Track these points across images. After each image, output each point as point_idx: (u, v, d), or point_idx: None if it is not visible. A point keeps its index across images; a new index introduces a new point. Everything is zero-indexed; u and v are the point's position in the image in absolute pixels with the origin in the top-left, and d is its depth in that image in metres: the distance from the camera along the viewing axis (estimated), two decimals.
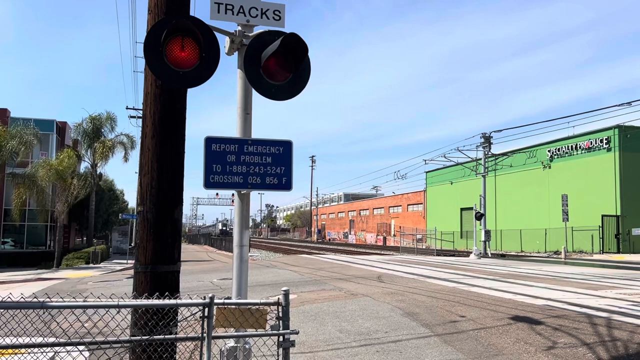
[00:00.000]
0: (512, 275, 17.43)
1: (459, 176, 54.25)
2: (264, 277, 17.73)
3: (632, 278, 16.74)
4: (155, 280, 4.97)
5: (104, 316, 3.90)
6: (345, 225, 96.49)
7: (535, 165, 46.03)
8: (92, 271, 26.69)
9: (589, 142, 41.06)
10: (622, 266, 24.65)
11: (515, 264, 25.25)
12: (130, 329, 4.73)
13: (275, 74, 4.58)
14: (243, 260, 4.66)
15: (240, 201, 4.70)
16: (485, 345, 7.16)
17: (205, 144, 4.49)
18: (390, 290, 12.54)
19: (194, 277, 19.26)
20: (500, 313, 9.20)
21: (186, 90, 5.49)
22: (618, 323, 8.16)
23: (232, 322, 3.97)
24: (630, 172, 36.84)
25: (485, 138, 38.40)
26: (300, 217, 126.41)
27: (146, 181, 5.13)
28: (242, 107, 4.75)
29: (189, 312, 4.06)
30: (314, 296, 12.04)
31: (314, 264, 23.74)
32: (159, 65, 4.38)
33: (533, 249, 43.65)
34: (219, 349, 4.37)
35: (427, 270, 19.95)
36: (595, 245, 38.26)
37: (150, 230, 5.04)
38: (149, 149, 5.16)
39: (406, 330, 8.17)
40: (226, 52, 4.90)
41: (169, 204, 5.12)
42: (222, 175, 4.50)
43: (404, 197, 74.60)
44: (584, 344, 6.99)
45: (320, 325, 8.77)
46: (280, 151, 4.68)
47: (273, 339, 4.10)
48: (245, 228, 4.71)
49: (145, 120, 5.33)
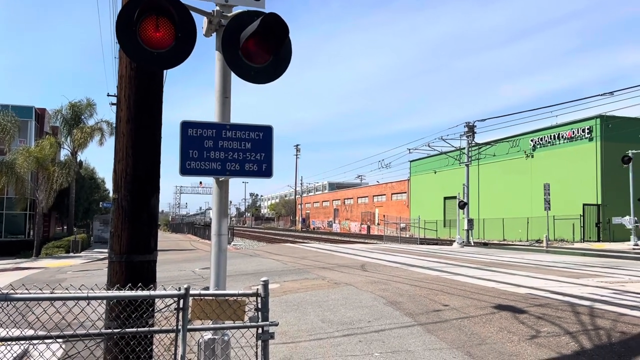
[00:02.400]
0: (495, 264, 17.50)
1: (443, 165, 54.48)
2: (247, 266, 17.57)
3: (613, 266, 16.90)
4: (130, 270, 4.80)
5: (85, 308, 3.74)
6: (330, 214, 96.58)
7: (518, 154, 46.34)
8: (72, 260, 26.31)
9: (571, 132, 41.38)
10: (602, 254, 24.94)
11: (497, 253, 25.42)
12: (105, 321, 4.56)
13: (254, 56, 4.39)
14: (221, 250, 4.51)
15: (219, 188, 4.53)
16: (468, 335, 7.10)
17: (181, 129, 4.31)
18: (374, 279, 12.47)
19: (175, 266, 19.04)
20: (484, 302, 9.17)
21: (163, 73, 5.30)
22: (600, 311, 8.16)
23: (209, 314, 3.82)
24: (611, 161, 37.19)
25: (469, 127, 38.48)
26: (285, 206, 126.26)
27: (121, 168, 4.94)
28: (220, 90, 4.56)
29: (164, 304, 3.90)
30: (296, 285, 11.92)
31: (297, 253, 23.64)
32: (132, 45, 4.17)
33: (515, 237, 44.04)
34: (197, 341, 4.23)
35: (410, 258, 19.96)
36: (576, 233, 38.71)
37: (125, 219, 4.86)
38: (124, 134, 4.97)
39: (389, 320, 8.09)
40: (204, 34, 4.70)
41: (145, 192, 4.94)
42: (199, 162, 4.33)
43: (388, 186, 74.77)
44: (567, 333, 6.97)
45: (302, 315, 8.66)
46: (260, 137, 4.51)
47: (252, 331, 3.96)
48: (224, 216, 4.55)
49: (119, 104, 5.13)
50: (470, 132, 38.51)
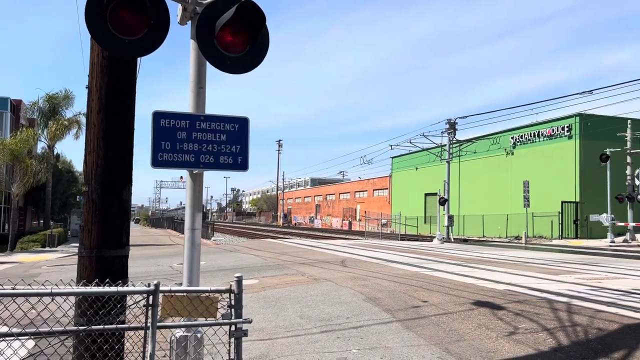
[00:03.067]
0: (474, 260, 17.57)
1: (424, 162, 54.70)
2: (226, 261, 17.39)
3: (590, 263, 17.09)
4: (101, 265, 4.64)
5: (62, 304, 3.60)
6: (312, 209, 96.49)
7: (499, 151, 46.71)
8: (48, 254, 25.82)
9: (550, 130, 41.80)
10: (580, 251, 25.24)
11: (477, 249, 25.57)
12: (75, 318, 4.41)
13: (230, 45, 4.26)
14: (195, 245, 4.38)
15: (192, 182, 4.39)
16: (447, 331, 7.06)
17: (153, 119, 4.16)
18: (354, 275, 12.41)
19: (153, 261, 18.77)
20: (462, 298, 9.16)
21: (136, 61, 5.13)
22: (578, 308, 8.19)
23: (180, 311, 3.70)
24: (589, 159, 37.66)
25: (450, 124, 38.65)
26: (267, 202, 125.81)
27: (91, 159, 4.77)
28: (195, 80, 4.42)
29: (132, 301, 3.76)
30: (275, 281, 11.81)
31: (278, 249, 23.51)
32: (102, 32, 4.01)
33: (495, 234, 44.42)
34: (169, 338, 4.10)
35: (390, 254, 19.96)
36: (554, 230, 39.16)
37: (96, 212, 4.70)
38: (95, 125, 4.80)
39: (368, 316, 8.02)
40: (179, 21, 4.55)
41: (117, 184, 4.78)
42: (172, 154, 4.18)
43: (369, 182, 74.90)
44: (545, 329, 6.97)
45: (280, 311, 8.55)
46: (235, 128, 4.38)
47: (225, 329, 3.84)
48: (198, 210, 4.41)
49: (91, 93, 4.95)
50: (451, 129, 38.69)
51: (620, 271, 14.16)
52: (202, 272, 13.81)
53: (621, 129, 35.28)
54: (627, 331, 6.75)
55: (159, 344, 3.85)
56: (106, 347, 3.71)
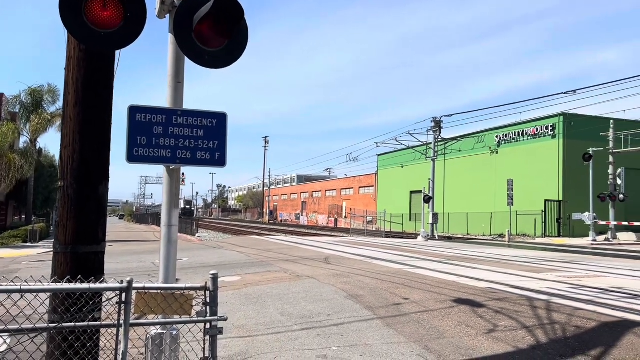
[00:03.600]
0: (457, 258, 17.66)
1: (410, 160, 54.86)
2: (209, 258, 17.30)
3: (571, 261, 17.26)
4: (76, 261, 4.57)
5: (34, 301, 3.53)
6: (298, 206, 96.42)
7: (484, 150, 47.00)
8: (30, 250, 25.49)
9: (535, 129, 42.13)
10: (562, 250, 25.49)
11: (461, 247, 25.71)
12: (49, 315, 4.34)
13: (208, 40, 4.20)
14: (171, 242, 4.34)
15: (169, 177, 4.34)
16: (427, 329, 7.08)
17: (129, 114, 4.10)
18: (337, 272, 12.41)
19: (136, 257, 18.62)
20: (444, 295, 9.19)
21: (114, 54, 5.05)
22: (557, 306, 8.26)
23: (154, 308, 3.65)
24: (572, 159, 38.02)
25: (435, 122, 38.80)
26: (253, 198, 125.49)
27: (67, 154, 4.69)
28: (172, 75, 4.37)
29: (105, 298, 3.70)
30: (258, 278, 11.76)
31: (262, 245, 23.45)
32: (77, 24, 3.94)
33: (479, 232, 44.73)
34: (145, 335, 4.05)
35: (374, 252, 20.00)
36: (537, 229, 39.51)
37: (72, 208, 4.62)
38: (71, 119, 4.72)
39: (349, 313, 8.01)
40: (157, 15, 4.50)
41: (93, 179, 4.71)
42: (148, 149, 4.13)
43: (355, 179, 74.99)
44: (524, 327, 7.01)
45: (262, 308, 8.51)
46: (213, 124, 4.33)
47: (199, 326, 3.80)
48: (175, 207, 4.37)
49: (67, 87, 4.87)
50: (437, 128, 38.83)
51: (601, 269, 14.32)
52: (185, 269, 13.75)
53: (604, 129, 35.66)
54: (604, 329, 6.82)
55: (133, 342, 3.80)
56: (78, 345, 3.64)
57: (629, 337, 6.39)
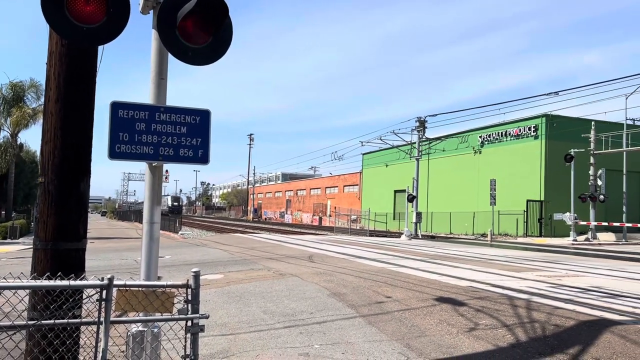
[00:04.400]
0: (440, 257, 17.79)
1: (394, 159, 55.08)
2: (192, 256, 17.23)
3: (552, 261, 17.48)
4: (56, 258, 4.53)
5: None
6: (282, 204, 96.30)
7: (467, 150, 47.36)
8: (9, 247, 25.14)
9: (518, 130, 42.55)
10: (543, 249, 25.81)
11: (443, 246, 25.90)
12: (28, 312, 4.30)
13: (192, 36, 4.18)
14: (153, 239, 4.31)
15: (152, 174, 4.31)
16: (409, 327, 7.13)
17: (111, 110, 4.07)
18: (320, 270, 12.43)
19: (118, 254, 18.46)
20: (426, 294, 9.26)
21: (97, 50, 5.00)
22: (537, 305, 8.37)
23: (135, 306, 3.63)
24: (554, 159, 38.47)
25: (420, 122, 38.99)
26: (237, 196, 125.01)
27: (48, 149, 4.65)
28: (156, 71, 4.34)
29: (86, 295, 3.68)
30: (241, 276, 11.74)
31: (246, 243, 23.40)
32: (59, 20, 3.90)
33: (462, 231, 45.08)
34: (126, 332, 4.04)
35: (358, 250, 20.06)
36: (519, 228, 39.94)
37: (52, 204, 4.59)
38: (52, 114, 4.68)
39: (332, 311, 8.04)
40: (140, 10, 4.45)
41: (74, 176, 4.67)
42: (130, 145, 4.10)
43: (340, 178, 75.10)
44: (504, 326, 7.09)
45: (244, 306, 8.50)
46: (196, 121, 4.32)
47: (181, 324, 3.79)
48: (157, 204, 4.34)
49: (49, 82, 4.82)
50: (421, 127, 39.04)
51: (581, 269, 14.53)
52: (167, 267, 13.67)
53: (585, 130, 36.14)
54: (582, 327, 6.93)
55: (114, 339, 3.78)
56: (57, 343, 3.61)
57: (606, 335, 6.50)
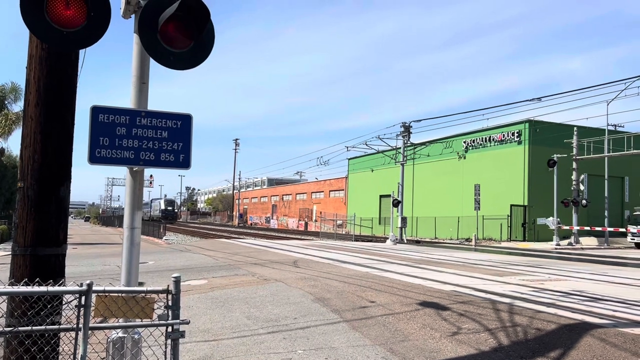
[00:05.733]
0: (425, 261, 17.86)
1: (380, 164, 55.27)
2: (176, 261, 17.11)
3: (535, 265, 17.63)
4: (36, 264, 4.48)
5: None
6: (268, 210, 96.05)
7: (451, 155, 47.67)
8: None
9: (501, 135, 42.96)
10: (527, 253, 26.04)
11: (428, 250, 26.02)
12: (5, 319, 4.24)
13: (174, 41, 4.17)
14: (134, 244, 4.27)
15: (132, 179, 4.28)
16: (392, 331, 7.15)
17: (92, 114, 4.04)
18: (305, 276, 12.41)
19: (100, 260, 18.28)
20: (410, 298, 9.29)
21: (78, 53, 4.97)
22: (519, 309, 8.43)
23: (114, 312, 3.60)
24: (537, 164, 38.88)
25: (405, 127, 39.19)
26: (222, 201, 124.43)
27: (27, 154, 4.61)
28: (137, 75, 4.32)
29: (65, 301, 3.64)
30: (225, 282, 11.68)
31: (230, 249, 23.29)
32: (39, 23, 3.88)
33: (446, 235, 45.31)
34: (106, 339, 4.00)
35: (343, 255, 20.07)
36: (503, 233, 40.26)
37: (32, 209, 4.54)
38: (32, 119, 4.64)
39: (315, 317, 8.03)
40: (122, 15, 4.44)
41: (54, 180, 4.63)
42: (111, 150, 4.07)
43: (326, 183, 75.15)
44: (487, 330, 7.14)
45: (227, 312, 8.46)
46: (178, 126, 4.30)
47: (161, 330, 3.76)
48: (138, 209, 4.31)
49: (28, 86, 4.78)
50: (406, 132, 39.23)
51: (563, 273, 14.68)
52: (151, 272, 13.57)
53: (568, 136, 36.58)
54: (563, 331, 7.00)
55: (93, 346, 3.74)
56: (34, 350, 3.57)
57: (587, 339, 6.57)
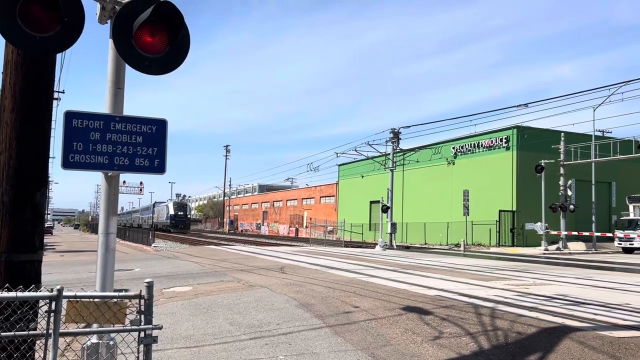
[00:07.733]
0: (412, 267, 17.89)
1: (370, 170, 55.40)
2: (162, 268, 17.02)
3: (522, 270, 17.72)
4: (10, 270, 4.47)
5: None
6: (259, 216, 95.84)
7: (440, 161, 47.90)
8: None
9: (490, 141, 43.22)
10: (515, 258, 26.15)
11: (417, 256, 26.06)
12: None
13: (149, 46, 4.18)
14: (109, 250, 4.27)
15: (107, 184, 4.28)
16: (374, 336, 7.15)
17: (65, 119, 4.04)
18: (290, 282, 12.39)
19: (87, 267, 18.13)
20: (393, 303, 9.30)
21: (55, 59, 4.96)
22: (501, 313, 8.46)
23: (86, 317, 3.58)
24: (525, 170, 39.14)
25: (394, 133, 39.36)
26: (213, 208, 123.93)
27: (3, 160, 4.60)
28: (113, 80, 4.33)
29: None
30: (210, 288, 11.63)
31: (218, 255, 23.21)
32: (11, 28, 3.87)
33: (436, 241, 45.42)
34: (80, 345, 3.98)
35: (331, 261, 20.06)
36: (492, 238, 40.42)
37: (7, 215, 4.52)
38: (7, 124, 4.63)
39: (298, 322, 8.02)
40: (98, 20, 4.45)
41: (30, 186, 4.62)
42: (84, 155, 4.06)
43: (317, 189, 75.15)
44: (468, 334, 7.16)
45: (210, 318, 8.43)
46: (152, 130, 4.31)
47: (134, 335, 3.75)
48: (113, 214, 4.30)
49: (4, 91, 4.78)
50: (395, 138, 39.40)
51: (549, 277, 14.76)
52: (136, 279, 13.49)
53: (555, 142, 36.85)
54: (543, 334, 7.03)
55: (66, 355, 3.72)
56: (3, 356, 3.54)
57: (566, 342, 6.61)
